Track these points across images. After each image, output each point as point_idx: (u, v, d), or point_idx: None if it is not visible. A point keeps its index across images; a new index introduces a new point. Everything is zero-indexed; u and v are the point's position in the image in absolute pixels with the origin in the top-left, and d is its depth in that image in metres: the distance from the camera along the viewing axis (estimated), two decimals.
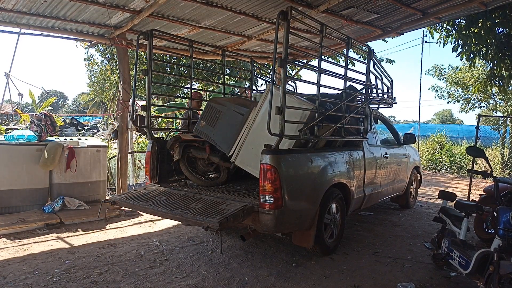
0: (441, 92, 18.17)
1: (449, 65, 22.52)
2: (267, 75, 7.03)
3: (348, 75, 4.25)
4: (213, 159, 4.48)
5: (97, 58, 13.25)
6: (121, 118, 6.27)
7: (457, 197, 3.92)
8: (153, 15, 5.15)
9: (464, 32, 6.91)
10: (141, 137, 9.97)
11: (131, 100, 5.13)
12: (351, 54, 7.42)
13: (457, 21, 7.05)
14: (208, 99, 6.14)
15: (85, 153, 5.76)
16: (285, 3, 4.79)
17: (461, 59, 7.52)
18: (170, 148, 4.35)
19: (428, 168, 13.39)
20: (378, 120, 5.83)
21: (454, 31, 7.23)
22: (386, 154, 5.39)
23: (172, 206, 3.61)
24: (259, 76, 7.19)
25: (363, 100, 4.63)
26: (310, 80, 3.85)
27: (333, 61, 8.78)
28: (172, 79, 12.19)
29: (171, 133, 5.74)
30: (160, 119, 10.37)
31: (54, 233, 4.76)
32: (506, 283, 2.71)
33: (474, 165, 7.46)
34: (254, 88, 6.45)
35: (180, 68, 11.80)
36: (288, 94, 3.56)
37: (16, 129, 7.55)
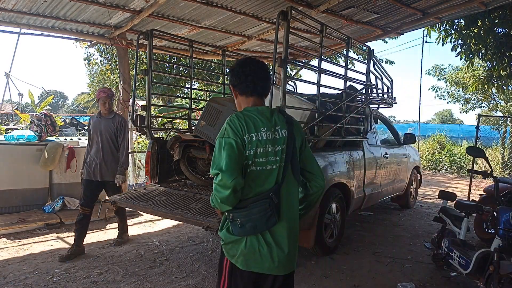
0: (441, 92, 18.17)
1: (450, 65, 22.60)
2: None
3: (348, 75, 4.25)
4: None
5: (97, 58, 13.25)
6: None
7: (457, 197, 3.93)
8: (153, 15, 5.14)
9: (463, 32, 6.92)
10: (141, 137, 9.97)
11: (131, 100, 5.12)
12: (351, 54, 7.42)
13: (456, 21, 7.06)
14: (208, 99, 6.14)
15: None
16: (285, 3, 4.78)
17: (460, 59, 7.54)
18: (170, 148, 4.35)
19: (428, 168, 13.39)
20: (378, 120, 5.83)
21: (452, 31, 7.24)
22: (386, 154, 5.39)
23: (172, 206, 3.60)
24: None
25: (363, 100, 4.63)
26: (310, 80, 3.86)
27: (333, 61, 8.79)
28: (172, 79, 12.18)
29: (171, 133, 5.73)
30: (160, 119, 10.38)
31: (54, 233, 4.76)
32: (506, 283, 2.72)
33: (474, 165, 7.46)
34: None
35: (180, 68, 11.78)
36: (288, 94, 3.57)
37: (16, 129, 7.54)
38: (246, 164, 1.65)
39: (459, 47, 7.26)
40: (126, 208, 5.22)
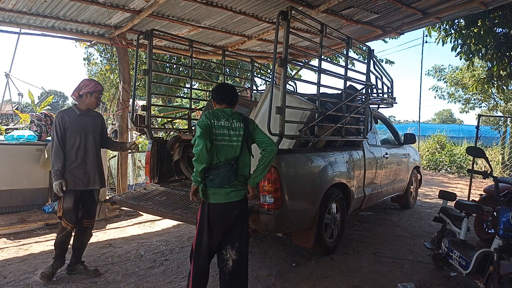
0: (441, 92, 18.17)
1: (450, 65, 22.52)
2: (267, 75, 7.02)
3: (348, 75, 4.25)
4: None
5: (97, 58, 13.25)
6: (121, 118, 6.28)
7: (457, 197, 3.92)
8: (153, 15, 5.14)
9: (463, 32, 6.92)
10: (141, 137, 9.97)
11: (131, 100, 5.13)
12: (351, 54, 7.42)
13: (456, 21, 7.06)
14: (208, 99, 6.15)
15: None
16: (285, 3, 4.78)
17: (460, 59, 7.54)
18: (170, 148, 4.35)
19: (428, 168, 13.39)
20: (378, 120, 5.83)
21: (452, 31, 7.24)
22: (386, 154, 5.39)
23: (172, 206, 3.61)
24: (259, 76, 7.19)
25: (363, 100, 4.63)
26: (310, 80, 3.86)
27: (333, 61, 8.79)
28: (172, 79, 12.18)
29: (171, 133, 5.73)
30: (160, 119, 10.39)
31: (54, 233, 4.74)
32: (506, 283, 2.71)
33: (474, 165, 7.46)
34: (254, 88, 6.45)
35: (180, 68, 11.78)
36: (288, 94, 3.57)
37: (16, 129, 7.54)
38: (212, 139, 2.59)
39: (459, 47, 7.26)
40: (126, 208, 5.20)
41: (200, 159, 2.53)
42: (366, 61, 4.68)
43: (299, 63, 7.02)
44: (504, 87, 7.54)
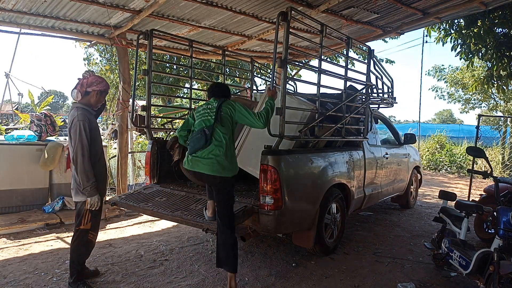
0: (441, 92, 18.17)
1: (450, 65, 22.46)
2: (267, 75, 7.02)
3: (348, 75, 4.25)
4: None
5: (97, 58, 13.22)
6: (121, 118, 6.27)
7: (457, 197, 3.93)
8: (153, 15, 5.14)
9: (463, 32, 6.92)
10: (141, 137, 9.95)
11: (131, 100, 5.12)
12: (351, 54, 7.41)
13: (456, 21, 7.06)
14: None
15: None
16: (285, 3, 4.78)
17: (460, 59, 7.54)
18: (170, 148, 4.35)
19: (428, 168, 13.39)
20: (378, 120, 5.83)
21: (452, 31, 7.25)
22: (387, 154, 5.39)
23: (172, 207, 3.60)
24: (259, 76, 7.19)
25: (364, 100, 4.63)
26: (310, 80, 3.86)
27: (333, 61, 8.78)
28: (172, 79, 12.18)
29: (171, 133, 5.73)
30: (160, 119, 10.37)
31: (54, 233, 4.76)
32: (506, 283, 2.72)
33: (474, 165, 7.46)
34: (254, 88, 6.45)
35: (180, 68, 11.77)
36: (288, 95, 3.56)
37: (16, 129, 7.54)
38: (195, 121, 3.17)
39: (459, 47, 7.27)
40: (125, 210, 5.19)
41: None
42: (366, 61, 4.68)
43: (299, 64, 7.02)
44: (504, 87, 7.55)
